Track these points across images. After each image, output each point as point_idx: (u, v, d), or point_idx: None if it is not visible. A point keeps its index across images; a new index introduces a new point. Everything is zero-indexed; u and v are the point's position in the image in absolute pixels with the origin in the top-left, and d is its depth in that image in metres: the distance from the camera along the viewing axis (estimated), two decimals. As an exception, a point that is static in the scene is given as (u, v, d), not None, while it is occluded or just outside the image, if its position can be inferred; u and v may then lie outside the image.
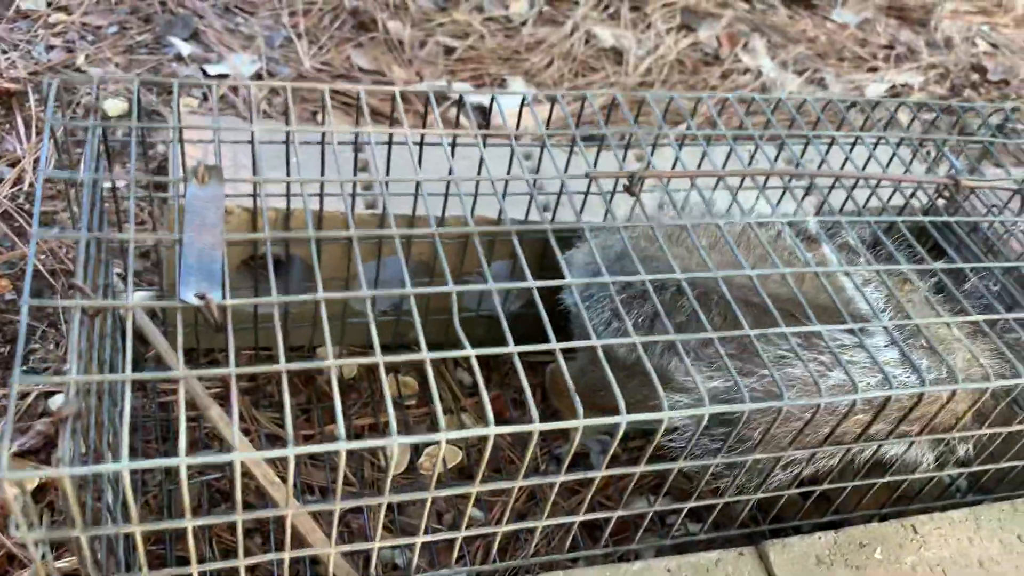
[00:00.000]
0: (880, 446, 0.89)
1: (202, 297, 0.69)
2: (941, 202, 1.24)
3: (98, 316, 0.80)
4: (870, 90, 2.05)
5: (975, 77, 2.21)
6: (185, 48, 1.70)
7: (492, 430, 0.68)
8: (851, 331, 0.81)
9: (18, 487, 0.60)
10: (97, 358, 0.82)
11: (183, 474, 0.61)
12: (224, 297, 0.71)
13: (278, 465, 1.10)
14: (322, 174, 1.02)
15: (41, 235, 0.71)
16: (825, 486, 0.92)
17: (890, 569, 0.90)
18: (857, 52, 2.23)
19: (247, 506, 1.07)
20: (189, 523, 0.66)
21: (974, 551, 0.93)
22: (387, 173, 1.07)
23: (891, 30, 2.39)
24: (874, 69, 2.16)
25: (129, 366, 0.66)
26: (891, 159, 1.17)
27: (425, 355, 0.71)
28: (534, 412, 0.69)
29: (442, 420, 0.67)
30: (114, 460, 0.79)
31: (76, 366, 0.64)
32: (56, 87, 0.85)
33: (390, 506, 1.11)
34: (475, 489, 0.73)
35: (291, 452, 0.63)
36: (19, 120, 1.47)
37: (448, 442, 1.21)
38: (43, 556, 0.68)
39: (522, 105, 1.04)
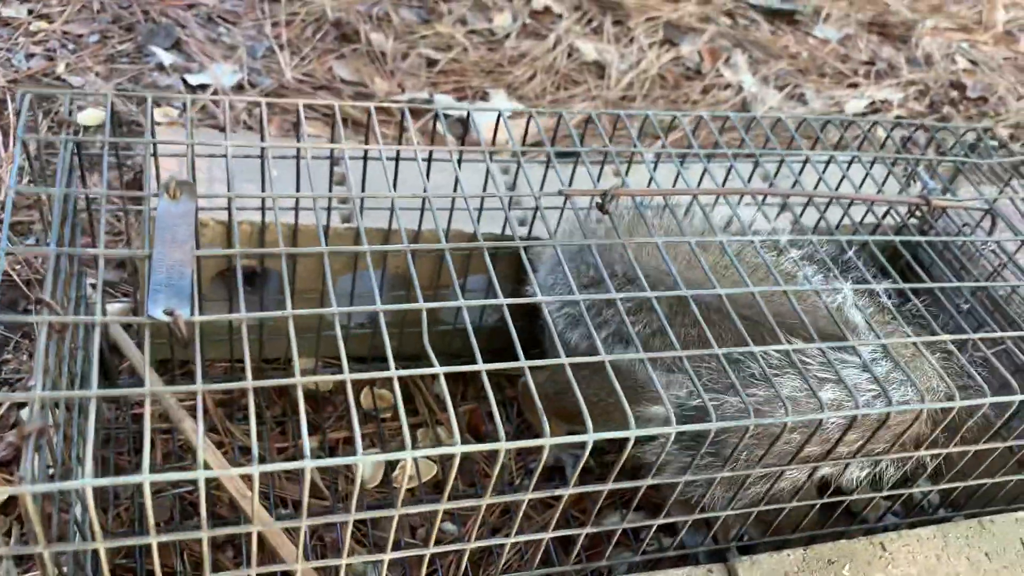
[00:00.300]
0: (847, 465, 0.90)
1: (170, 313, 0.69)
2: (913, 221, 1.25)
3: (67, 331, 0.80)
4: (850, 106, 2.07)
5: (954, 94, 2.23)
6: (167, 58, 1.70)
7: (458, 448, 0.68)
8: (827, 350, 0.82)
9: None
10: (68, 371, 0.82)
11: (147, 491, 0.61)
12: (192, 313, 0.71)
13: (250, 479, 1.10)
14: (297, 189, 1.03)
15: (9, 249, 0.71)
16: (796, 503, 0.93)
17: (858, 586, 0.91)
18: (838, 68, 2.25)
19: (220, 519, 1.07)
20: (154, 539, 0.66)
21: (941, 568, 0.94)
22: (363, 188, 1.07)
23: (872, 46, 2.41)
24: (854, 85, 2.18)
25: (95, 382, 0.66)
26: (864, 178, 1.18)
27: (393, 372, 0.71)
28: (501, 431, 0.69)
29: (408, 437, 0.67)
30: (80, 475, 0.78)
31: (42, 382, 0.64)
32: (29, 100, 0.85)
33: (363, 520, 1.11)
34: (442, 507, 0.73)
35: (255, 470, 0.63)
36: (-4, 128, 1.46)
37: (422, 457, 1.21)
38: (6, 573, 0.68)
39: (498, 120, 1.04)
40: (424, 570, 0.85)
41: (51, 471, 1.04)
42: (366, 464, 1.17)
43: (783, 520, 0.94)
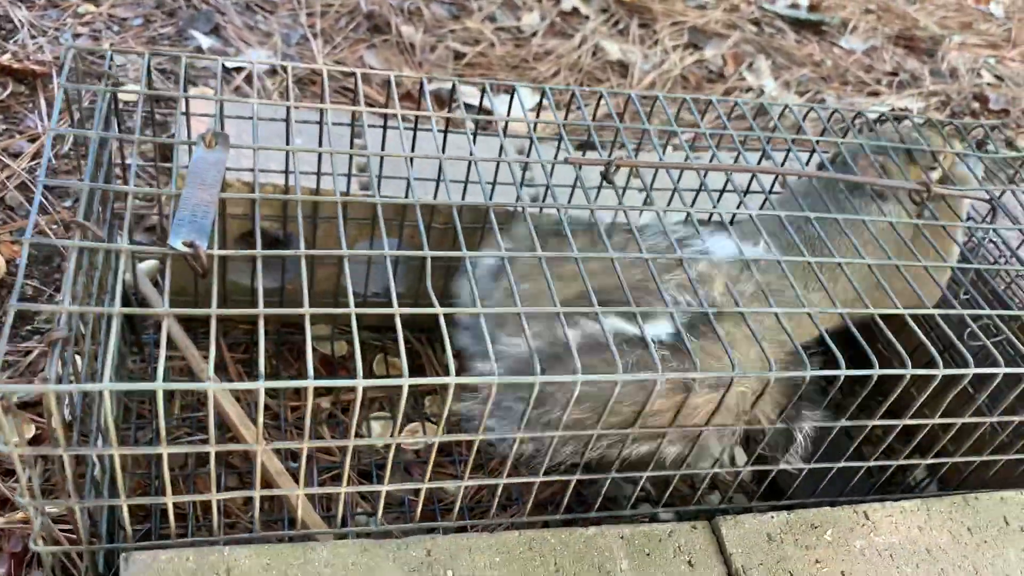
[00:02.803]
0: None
1: (190, 244, 0.74)
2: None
3: (97, 258, 0.85)
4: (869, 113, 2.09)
5: (976, 106, 2.25)
6: (205, 41, 1.77)
7: (452, 380, 0.72)
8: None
9: (3, 402, 0.65)
10: (95, 305, 0.87)
11: (160, 399, 0.66)
12: (212, 248, 0.76)
13: (294, 433, 1.16)
14: (319, 154, 1.08)
15: (46, 182, 0.77)
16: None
17: (839, 551, 0.93)
18: (861, 77, 2.28)
19: (232, 468, 1.12)
20: (164, 450, 0.71)
21: (923, 539, 0.96)
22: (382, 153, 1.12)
23: (897, 58, 2.44)
24: (875, 94, 2.21)
25: (118, 301, 0.71)
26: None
27: (396, 310, 0.76)
28: (405, 366, 0.72)
29: (405, 366, 0.71)
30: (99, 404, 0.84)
31: (69, 297, 0.70)
32: (73, 54, 0.91)
33: (367, 476, 1.15)
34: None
35: (261, 385, 0.68)
36: (42, 100, 1.54)
37: (428, 420, 1.25)
38: (29, 479, 0.73)
39: (512, 96, 1.09)
40: (420, 509, 0.89)
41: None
42: (375, 423, 1.22)
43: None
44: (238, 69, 1.73)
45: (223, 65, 1.72)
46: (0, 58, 1.59)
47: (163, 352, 0.66)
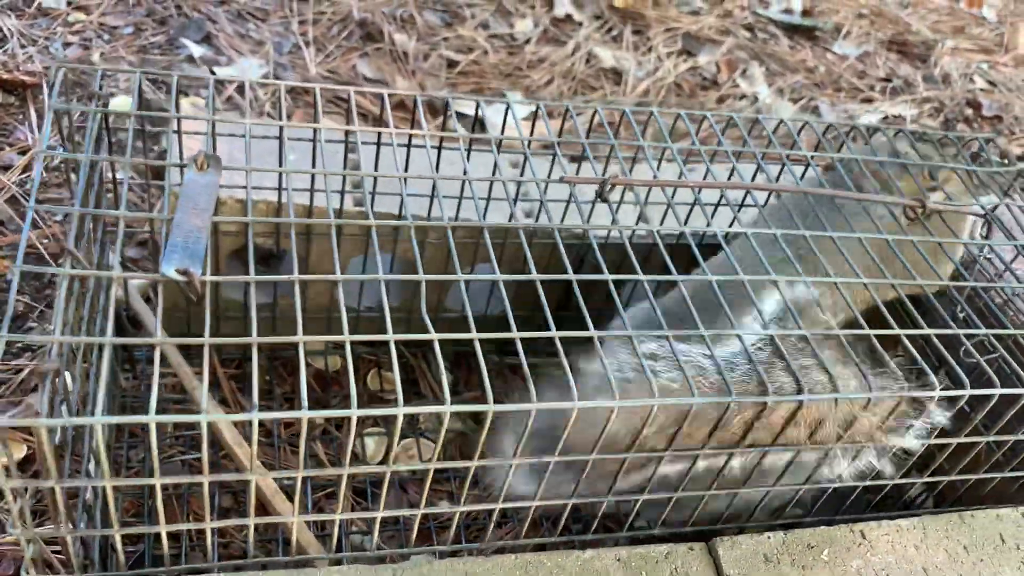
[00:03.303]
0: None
1: (184, 272, 0.73)
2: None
3: (87, 286, 0.85)
4: (863, 119, 2.09)
5: (969, 112, 2.25)
6: (197, 50, 1.76)
7: (447, 408, 0.72)
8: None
9: (-1, 438, 0.64)
10: (86, 332, 0.87)
11: (152, 432, 0.66)
12: (205, 274, 0.75)
13: (287, 450, 1.15)
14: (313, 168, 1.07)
15: (36, 207, 0.76)
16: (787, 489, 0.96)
17: (835, 571, 0.93)
18: (854, 83, 2.28)
19: (225, 487, 1.11)
20: (158, 481, 0.70)
21: (920, 558, 0.96)
22: (375, 170, 1.11)
23: (890, 64, 2.44)
24: (869, 100, 2.21)
25: (110, 331, 0.70)
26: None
27: (390, 336, 0.75)
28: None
29: (400, 395, 0.70)
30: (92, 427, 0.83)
31: (60, 327, 0.69)
32: (63, 73, 0.90)
33: (362, 494, 1.15)
34: (432, 466, 0.77)
35: (254, 416, 0.67)
36: (32, 111, 1.53)
37: (424, 436, 1.24)
38: (20, 510, 0.72)
39: (506, 113, 1.08)
40: (413, 533, 0.88)
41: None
42: (368, 439, 1.21)
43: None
44: (232, 79, 1.72)
45: (213, 72, 1.71)
46: (-11, 69, 1.57)
47: (155, 383, 0.65)
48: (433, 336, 0.76)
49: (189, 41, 1.78)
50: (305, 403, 0.68)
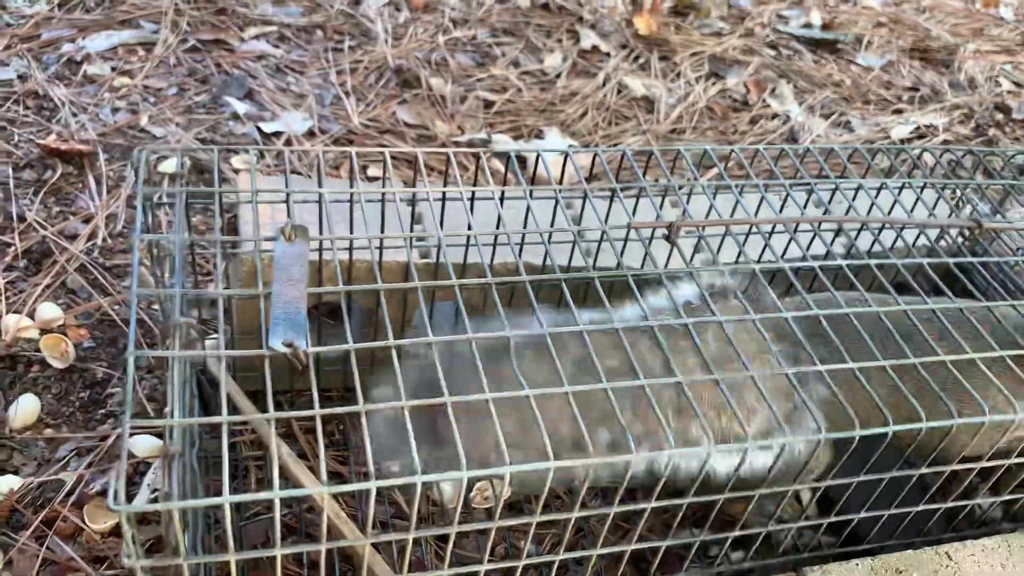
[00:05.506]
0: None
1: (289, 345, 0.76)
2: (966, 244, 1.29)
3: (185, 362, 0.88)
4: (895, 132, 2.11)
5: (999, 116, 2.27)
6: (241, 107, 1.80)
7: (552, 464, 0.74)
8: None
9: (128, 520, 0.67)
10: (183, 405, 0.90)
11: (276, 506, 0.68)
12: (308, 345, 0.78)
13: (340, 500, 1.17)
14: (382, 230, 1.10)
15: (140, 291, 0.79)
16: (862, 514, 0.97)
17: (926, 595, 0.94)
18: (882, 94, 2.29)
19: (314, 540, 1.14)
20: (279, 551, 0.73)
21: (1007, 577, 0.97)
22: (440, 226, 1.14)
23: (915, 72, 2.45)
24: (899, 111, 2.22)
25: (225, 409, 0.73)
26: (916, 203, 1.23)
27: (488, 395, 0.78)
28: (590, 446, 0.75)
29: (506, 454, 0.73)
30: (196, 497, 0.86)
31: (179, 409, 0.72)
32: (145, 157, 0.94)
33: (444, 539, 1.17)
34: (535, 519, 0.79)
35: (372, 485, 0.70)
36: (91, 179, 1.57)
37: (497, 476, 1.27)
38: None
39: (565, 159, 1.11)
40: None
41: (155, 494, 1.12)
42: (446, 485, 1.23)
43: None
44: (277, 133, 1.76)
45: (259, 128, 1.75)
46: (47, 140, 1.62)
47: (276, 466, 0.68)
48: (528, 392, 0.78)
49: (232, 99, 1.82)
50: (418, 468, 0.71)
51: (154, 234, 0.89)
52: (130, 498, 1.16)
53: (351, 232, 1.10)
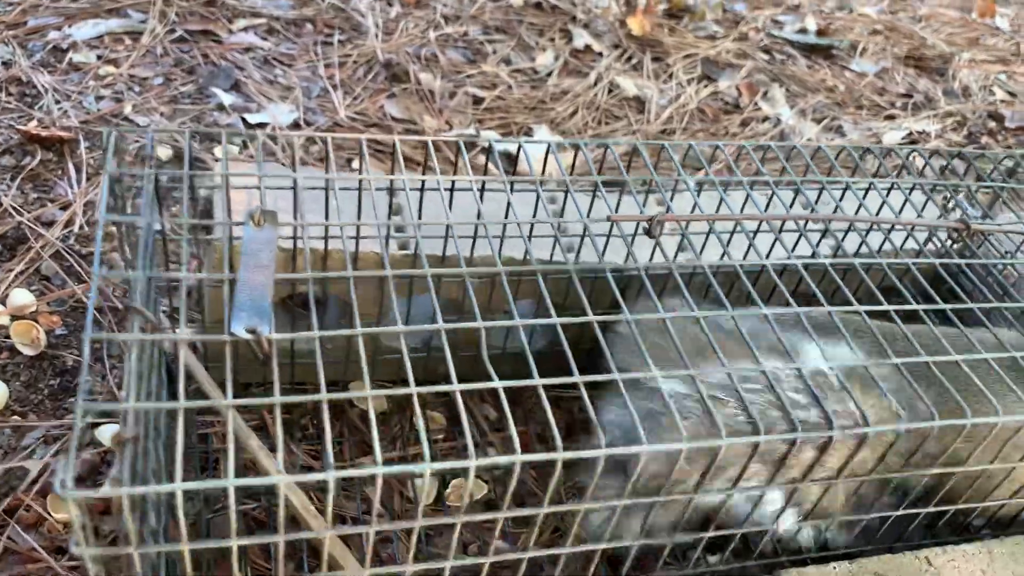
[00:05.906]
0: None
1: (252, 331, 0.74)
2: (954, 247, 1.27)
3: (150, 348, 0.85)
4: (887, 137, 2.09)
5: (992, 124, 2.25)
6: (227, 98, 1.78)
7: (519, 458, 0.72)
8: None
9: (79, 506, 0.65)
10: (144, 390, 0.87)
11: (231, 495, 0.66)
12: (271, 332, 0.76)
13: (313, 496, 1.15)
14: (359, 218, 1.08)
15: (103, 274, 0.77)
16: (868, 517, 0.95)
17: (904, 601, 0.92)
18: (875, 100, 2.28)
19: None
20: (234, 543, 0.70)
21: (987, 585, 0.95)
22: (419, 217, 1.12)
23: (909, 79, 2.44)
24: (891, 117, 2.21)
25: (182, 395, 0.71)
26: (904, 204, 1.22)
27: (456, 387, 0.76)
28: (558, 441, 0.73)
29: (472, 448, 0.71)
30: (162, 484, 0.83)
31: (135, 394, 0.70)
32: (115, 137, 0.92)
33: (418, 536, 1.15)
34: (502, 515, 0.77)
35: (331, 476, 0.67)
36: (71, 166, 1.55)
37: (474, 475, 1.25)
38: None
39: (547, 153, 1.09)
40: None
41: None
42: (427, 474, 1.21)
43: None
44: (262, 124, 1.74)
45: (244, 119, 1.73)
46: (27, 126, 1.60)
47: (231, 449, 0.66)
48: (498, 384, 0.76)
49: (218, 89, 1.80)
50: (379, 458, 0.69)
51: (121, 215, 0.87)
52: (97, 487, 1.14)
53: (327, 219, 1.08)
